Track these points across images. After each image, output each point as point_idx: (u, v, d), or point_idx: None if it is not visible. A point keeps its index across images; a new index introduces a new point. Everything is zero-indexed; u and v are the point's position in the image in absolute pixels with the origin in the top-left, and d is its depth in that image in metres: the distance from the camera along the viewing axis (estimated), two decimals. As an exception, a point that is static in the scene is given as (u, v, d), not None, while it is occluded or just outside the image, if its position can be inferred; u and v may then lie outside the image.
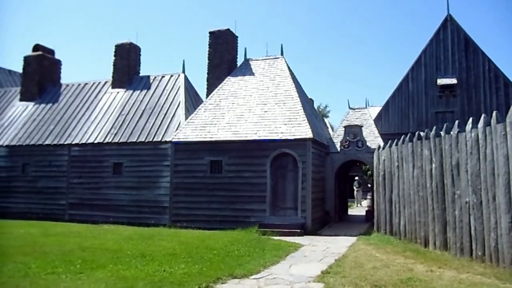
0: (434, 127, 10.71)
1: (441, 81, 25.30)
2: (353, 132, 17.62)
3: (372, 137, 18.21)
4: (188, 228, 15.27)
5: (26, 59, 23.33)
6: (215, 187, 15.93)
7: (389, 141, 13.68)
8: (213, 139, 16.12)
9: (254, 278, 7.76)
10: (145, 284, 7.10)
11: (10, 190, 20.19)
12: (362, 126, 18.14)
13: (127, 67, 21.14)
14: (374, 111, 28.59)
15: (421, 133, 11.33)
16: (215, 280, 7.49)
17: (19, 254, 9.53)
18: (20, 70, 24.17)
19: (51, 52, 24.26)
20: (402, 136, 12.46)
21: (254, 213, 15.25)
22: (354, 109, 20.29)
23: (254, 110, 16.65)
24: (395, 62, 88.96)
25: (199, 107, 17.82)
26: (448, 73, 25.43)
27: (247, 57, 19.38)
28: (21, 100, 23.08)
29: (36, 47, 23.75)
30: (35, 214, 19.00)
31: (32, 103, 22.54)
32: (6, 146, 20.57)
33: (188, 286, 7.02)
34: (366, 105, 20.79)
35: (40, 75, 23.01)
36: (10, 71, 30.98)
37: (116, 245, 10.98)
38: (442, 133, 10.19)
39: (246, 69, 18.80)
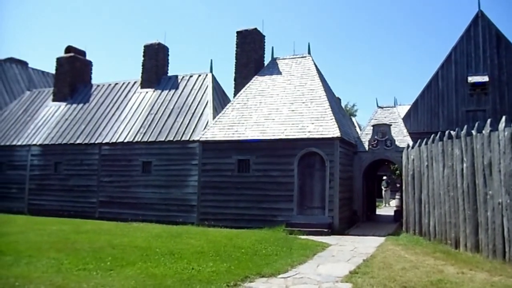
0: (465, 126, 10.50)
1: (472, 79, 24.74)
2: (382, 131, 17.43)
3: (401, 136, 17.98)
4: (215, 227, 15.39)
5: (59, 61, 23.92)
6: (243, 186, 16.00)
7: (418, 140, 13.49)
8: (240, 138, 16.20)
9: (282, 277, 7.78)
10: (174, 281, 7.20)
11: (43, 188, 20.75)
12: (391, 125, 17.92)
13: (155, 67, 21.42)
14: (403, 109, 28.17)
15: (452, 132, 11.13)
16: (243, 278, 7.55)
17: (52, 250, 9.82)
18: (53, 71, 24.80)
19: (83, 53, 24.80)
20: (432, 135, 12.28)
21: (281, 212, 15.25)
22: (382, 107, 20.07)
23: (281, 109, 16.65)
24: (425, 60, 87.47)
25: (227, 106, 17.93)
26: (479, 70, 24.85)
27: (274, 56, 19.39)
28: (53, 100, 23.66)
29: (68, 49, 24.33)
30: (66, 212, 19.46)
31: (64, 103, 23.08)
32: (40, 145, 21.14)
33: (216, 284, 7.09)
34: (394, 104, 20.54)
35: (72, 76, 23.54)
36: (43, 72, 31.82)
37: (145, 242, 11.17)
38: (473, 132, 9.99)
39: (273, 68, 18.81)
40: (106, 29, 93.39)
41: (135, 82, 22.19)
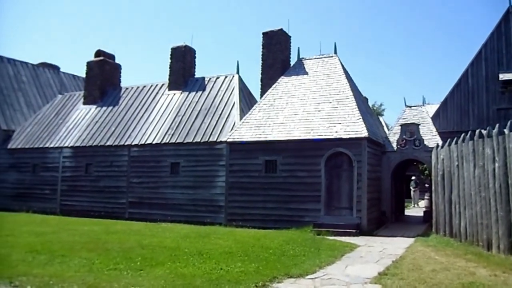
0: (497, 125, 10.27)
1: (503, 76, 24.11)
2: (410, 130, 17.21)
3: (430, 136, 17.70)
4: (243, 227, 15.47)
5: (89, 64, 24.47)
6: (270, 187, 16.04)
7: (448, 140, 13.26)
8: (267, 139, 16.24)
9: (310, 278, 7.78)
10: (203, 281, 7.27)
11: (74, 189, 21.26)
12: (419, 124, 17.67)
13: (182, 69, 21.67)
14: (432, 108, 27.67)
15: (483, 131, 10.90)
16: (271, 279, 7.58)
17: (84, 250, 10.05)
18: (84, 75, 25.37)
19: (112, 57, 25.30)
20: (462, 134, 12.06)
21: (309, 212, 15.23)
22: (410, 107, 19.79)
23: (308, 109, 16.62)
24: (454, 58, 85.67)
25: (253, 107, 18.00)
26: (510, 67, 24.21)
27: (300, 56, 19.37)
28: (84, 103, 24.20)
29: (98, 53, 24.86)
30: (97, 212, 19.86)
31: (95, 106, 23.58)
32: (71, 147, 21.67)
33: (245, 285, 7.13)
34: (423, 103, 20.22)
35: (102, 79, 24.04)
36: (74, 76, 32.56)
37: (174, 243, 11.30)
38: (505, 130, 9.76)
39: (299, 69, 18.79)
40: (134, 33, 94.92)
41: (162, 84, 22.49)
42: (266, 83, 19.22)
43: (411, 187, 27.81)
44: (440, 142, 15.36)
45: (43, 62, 31.08)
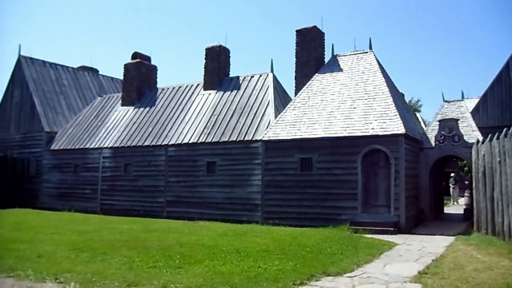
0: (541, 120, 9.93)
1: (546, 68, 23.24)
2: (449, 126, 16.82)
3: (469, 131, 17.26)
4: (279, 225, 15.49)
5: (126, 67, 25.01)
6: (306, 185, 16.01)
7: (489, 135, 12.92)
8: (302, 137, 16.22)
9: (348, 276, 7.76)
10: (241, 279, 7.36)
11: (114, 189, 21.81)
12: (458, 119, 17.26)
13: (217, 69, 21.86)
14: (471, 103, 26.93)
15: (526, 126, 10.57)
16: (309, 277, 7.60)
17: (124, 248, 10.33)
18: (121, 77, 25.98)
19: (148, 58, 25.76)
20: (504, 129, 11.71)
21: (345, 210, 15.13)
22: (449, 102, 19.36)
23: (343, 106, 16.50)
24: (493, 51, 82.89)
25: (288, 106, 18.00)
26: (553, 59, 23.29)
27: (335, 53, 19.21)
28: (122, 105, 24.77)
29: (135, 55, 25.37)
30: (136, 211, 20.29)
31: (132, 107, 24.09)
32: (111, 147, 22.22)
33: (283, 283, 7.19)
34: (462, 97, 19.74)
35: (139, 81, 24.53)
36: (112, 78, 33.35)
37: (211, 241, 11.45)
38: (550, 126, 9.44)
39: (334, 66, 18.66)
40: (169, 34, 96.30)
41: (198, 85, 22.75)
42: (301, 81, 19.16)
43: (450, 184, 27.19)
44: (481, 138, 14.99)
45: (82, 66, 31.97)
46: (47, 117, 26.06)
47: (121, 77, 25.96)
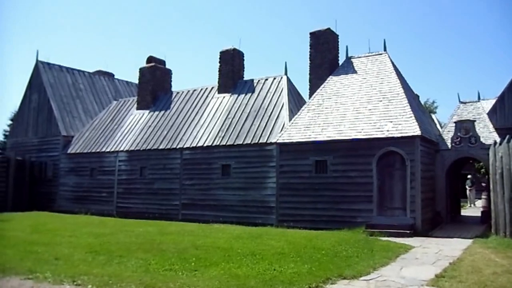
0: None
1: None
2: (465, 127, 16.64)
3: (486, 133, 17.05)
4: (294, 228, 15.47)
5: (141, 71, 25.25)
6: (321, 187, 15.97)
7: (507, 136, 12.79)
8: (317, 139, 16.18)
9: (364, 280, 7.73)
10: (257, 282, 7.37)
11: (130, 192, 21.98)
12: (475, 120, 17.07)
13: (231, 72, 21.94)
14: (488, 104, 26.62)
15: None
16: (324, 280, 7.58)
17: (140, 251, 10.41)
18: (136, 81, 26.22)
19: (162, 62, 25.97)
20: (522, 131, 11.57)
21: (361, 213, 15.05)
22: (465, 103, 19.13)
23: (358, 108, 16.43)
24: (510, 51, 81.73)
25: (302, 108, 17.99)
26: None
27: (349, 55, 19.15)
28: (137, 108, 24.98)
29: (149, 59, 25.60)
30: (151, 214, 20.39)
31: (147, 111, 24.28)
32: (126, 151, 22.42)
33: (298, 286, 7.19)
34: (478, 98, 19.47)
35: (153, 85, 24.72)
36: (127, 82, 33.67)
37: (227, 243, 11.47)
38: None
39: (348, 67, 18.61)
40: (183, 38, 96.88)
41: (212, 88, 22.85)
42: (315, 83, 19.14)
43: (466, 186, 26.88)
44: (498, 139, 14.82)
45: (98, 70, 32.32)
46: (64, 121, 26.41)
47: (136, 81, 26.22)
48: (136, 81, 26.39)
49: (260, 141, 17.92)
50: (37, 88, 27.94)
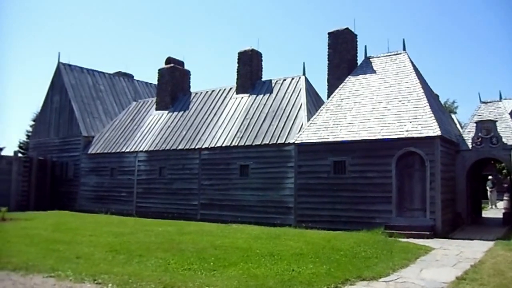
0: None
1: None
2: (486, 127, 16.41)
3: (508, 133, 16.78)
4: (312, 229, 15.43)
5: (160, 72, 25.49)
6: (339, 188, 15.91)
7: (530, 137, 12.54)
8: (335, 140, 16.12)
9: (383, 281, 7.68)
10: (275, 282, 7.39)
11: (149, 192, 22.20)
12: (496, 121, 16.82)
13: (249, 73, 21.99)
14: (510, 104, 26.17)
15: None
16: (343, 281, 7.57)
17: (160, 250, 10.50)
18: (155, 82, 26.47)
19: (181, 63, 26.15)
20: (545, 132, 11.36)
21: (380, 214, 14.95)
22: (486, 103, 18.87)
23: (377, 109, 16.32)
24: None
25: (321, 108, 17.94)
26: None
27: (368, 54, 19.03)
28: (157, 109, 25.20)
29: (168, 60, 25.80)
30: (170, 214, 20.53)
31: (166, 112, 24.49)
32: (146, 151, 22.65)
33: (317, 286, 7.19)
34: (499, 98, 19.20)
35: (172, 86, 24.93)
36: (147, 83, 34.01)
37: (245, 244, 11.49)
38: None
39: (366, 67, 18.49)
40: (201, 39, 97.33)
41: (230, 88, 22.93)
42: (333, 83, 19.06)
43: (487, 188, 26.47)
44: (521, 140, 14.56)
45: (118, 71, 32.72)
46: (84, 122, 26.80)
47: (156, 82, 26.47)
48: (155, 82, 26.65)
49: (278, 141, 17.93)
50: (58, 89, 28.44)
